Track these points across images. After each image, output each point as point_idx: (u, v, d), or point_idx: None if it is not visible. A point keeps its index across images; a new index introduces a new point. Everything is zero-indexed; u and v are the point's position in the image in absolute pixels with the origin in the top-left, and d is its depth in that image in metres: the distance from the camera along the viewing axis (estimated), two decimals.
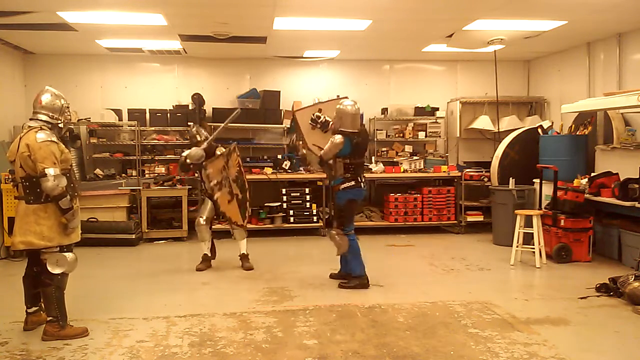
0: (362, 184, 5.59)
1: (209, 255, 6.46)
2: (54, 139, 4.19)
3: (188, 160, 6.17)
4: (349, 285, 5.55)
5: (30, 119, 4.28)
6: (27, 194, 4.15)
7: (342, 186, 5.51)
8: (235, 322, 4.52)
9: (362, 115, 6.89)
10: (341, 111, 5.48)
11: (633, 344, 4.08)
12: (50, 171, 4.04)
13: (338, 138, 5.39)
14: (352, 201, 5.59)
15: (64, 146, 4.30)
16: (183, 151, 6.62)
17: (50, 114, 4.27)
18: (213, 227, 6.79)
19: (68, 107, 4.42)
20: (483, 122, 9.18)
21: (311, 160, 6.17)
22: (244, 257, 6.46)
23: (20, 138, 4.18)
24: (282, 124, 8.95)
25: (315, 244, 7.98)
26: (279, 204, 8.44)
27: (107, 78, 9.09)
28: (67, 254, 4.22)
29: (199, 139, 6.35)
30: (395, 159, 9.21)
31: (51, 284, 4.16)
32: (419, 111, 9.34)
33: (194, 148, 6.22)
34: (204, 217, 6.33)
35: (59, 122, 4.31)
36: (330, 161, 5.54)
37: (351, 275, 5.59)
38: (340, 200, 5.57)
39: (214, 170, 6.16)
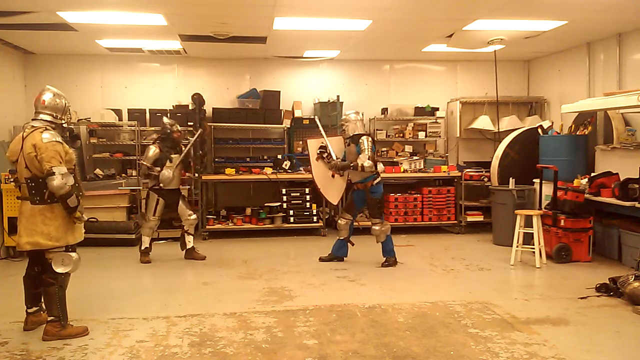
0: None
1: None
2: (59, 139, 4.18)
3: (162, 185, 6.76)
4: (388, 264, 6.41)
5: (33, 119, 4.25)
6: (33, 195, 4.13)
7: (375, 182, 6.33)
8: (235, 322, 4.52)
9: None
10: (349, 119, 6.42)
11: (633, 344, 4.08)
12: (57, 170, 4.03)
13: (367, 138, 6.26)
14: (383, 194, 6.54)
15: (67, 146, 4.29)
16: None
17: (54, 113, 4.25)
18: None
19: (69, 107, 4.41)
20: (483, 122, 9.18)
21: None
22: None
23: (23, 138, 4.14)
24: (282, 124, 8.96)
25: (315, 244, 7.97)
26: (279, 204, 8.44)
27: (107, 78, 9.09)
28: (72, 254, 4.22)
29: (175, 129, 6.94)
30: (395, 159, 9.20)
31: (55, 283, 4.16)
32: (419, 111, 9.35)
33: (166, 171, 6.71)
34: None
35: (63, 121, 4.29)
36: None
37: (387, 256, 6.48)
38: (377, 194, 6.37)
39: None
